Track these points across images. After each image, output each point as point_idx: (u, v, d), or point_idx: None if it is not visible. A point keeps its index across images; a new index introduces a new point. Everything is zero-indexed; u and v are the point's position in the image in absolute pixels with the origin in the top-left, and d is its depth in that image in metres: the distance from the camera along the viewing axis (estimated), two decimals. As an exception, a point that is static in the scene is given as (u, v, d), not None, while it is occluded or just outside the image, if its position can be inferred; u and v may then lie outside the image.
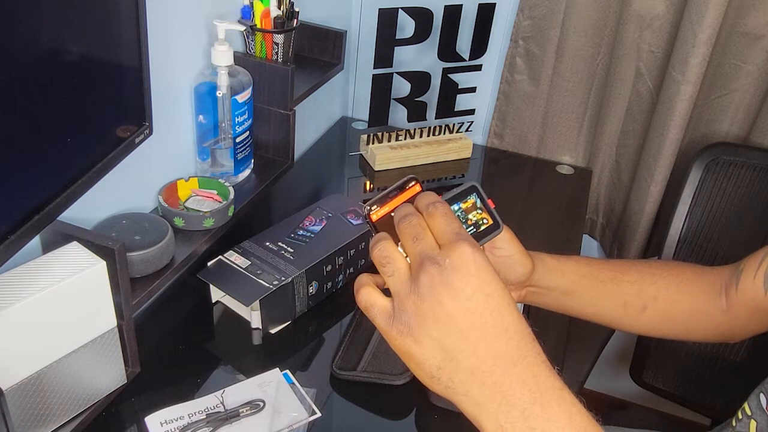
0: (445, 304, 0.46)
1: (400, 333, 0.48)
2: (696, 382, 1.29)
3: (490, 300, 0.47)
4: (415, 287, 0.47)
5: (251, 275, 0.97)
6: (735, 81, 1.28)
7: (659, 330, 0.82)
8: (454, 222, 0.49)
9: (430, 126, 1.46)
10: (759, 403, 0.80)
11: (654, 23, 1.28)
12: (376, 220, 0.57)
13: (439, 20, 1.32)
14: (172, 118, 0.99)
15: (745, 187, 1.20)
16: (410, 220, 0.50)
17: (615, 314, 0.80)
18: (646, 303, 0.78)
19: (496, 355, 0.46)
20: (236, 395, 0.87)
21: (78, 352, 0.76)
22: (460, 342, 0.46)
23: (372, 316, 0.50)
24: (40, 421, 0.75)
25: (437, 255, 0.47)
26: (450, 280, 0.46)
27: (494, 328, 0.47)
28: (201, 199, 1.00)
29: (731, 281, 0.79)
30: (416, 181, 0.60)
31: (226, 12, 1.04)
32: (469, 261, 0.47)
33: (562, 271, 0.76)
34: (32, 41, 0.62)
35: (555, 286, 0.75)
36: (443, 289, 0.46)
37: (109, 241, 0.75)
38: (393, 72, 1.35)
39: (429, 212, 0.50)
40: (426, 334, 0.47)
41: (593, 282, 0.78)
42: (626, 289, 0.79)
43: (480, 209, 0.57)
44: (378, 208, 0.58)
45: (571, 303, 0.78)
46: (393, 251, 0.49)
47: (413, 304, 0.47)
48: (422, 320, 0.47)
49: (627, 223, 1.45)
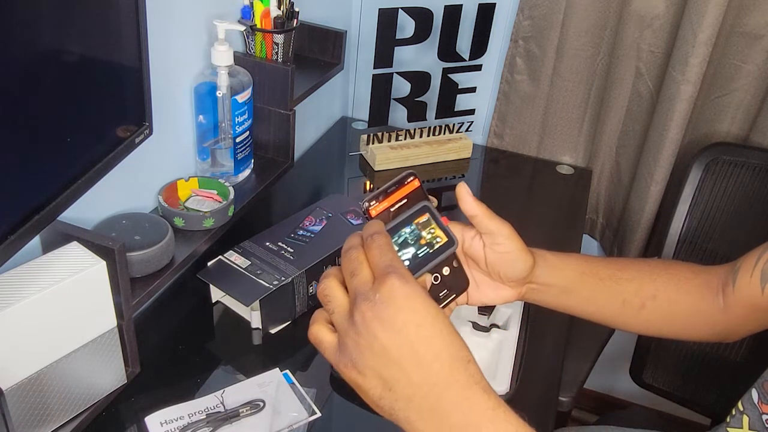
0: (379, 338, 0.49)
1: (345, 366, 0.51)
2: (696, 382, 1.29)
3: (420, 329, 0.49)
4: (353, 323, 0.50)
5: (251, 275, 0.97)
6: (735, 81, 1.28)
7: (657, 329, 0.82)
8: (387, 254, 0.52)
9: (430, 126, 1.46)
10: (750, 398, 0.81)
11: (654, 23, 1.28)
12: (375, 216, 0.59)
13: (439, 20, 1.32)
14: (172, 118, 0.99)
15: (745, 187, 1.20)
16: (350, 255, 0.53)
17: (613, 312, 0.79)
18: (644, 301, 0.78)
19: (429, 382, 0.49)
20: (236, 395, 0.87)
21: (78, 352, 0.76)
22: (396, 372, 0.49)
23: (321, 351, 0.54)
24: (40, 421, 0.75)
25: (369, 291, 0.50)
26: (381, 315, 0.49)
27: (426, 356, 0.49)
28: (201, 199, 1.00)
29: (728, 280, 0.79)
30: (414, 177, 0.62)
31: (226, 12, 1.04)
32: (398, 294, 0.49)
33: (562, 268, 0.76)
34: (32, 41, 0.62)
35: (554, 283, 0.75)
36: (376, 323, 0.49)
37: (109, 241, 0.75)
38: (393, 72, 1.35)
39: (367, 244, 0.53)
40: (366, 366, 0.50)
41: (592, 280, 0.78)
42: (625, 287, 0.79)
43: (433, 228, 0.59)
44: (377, 203, 0.60)
45: (570, 301, 0.78)
46: (334, 289, 0.53)
47: (352, 339, 0.50)
48: (361, 354, 0.50)
49: (627, 223, 1.45)
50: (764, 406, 0.80)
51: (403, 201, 0.62)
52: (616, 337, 1.21)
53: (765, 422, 0.79)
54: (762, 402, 0.80)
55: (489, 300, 0.73)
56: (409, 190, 0.61)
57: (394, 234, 0.57)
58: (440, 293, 0.65)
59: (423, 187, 0.63)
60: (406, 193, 0.61)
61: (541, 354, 0.98)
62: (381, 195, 0.60)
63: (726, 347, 1.25)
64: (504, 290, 0.72)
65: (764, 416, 0.79)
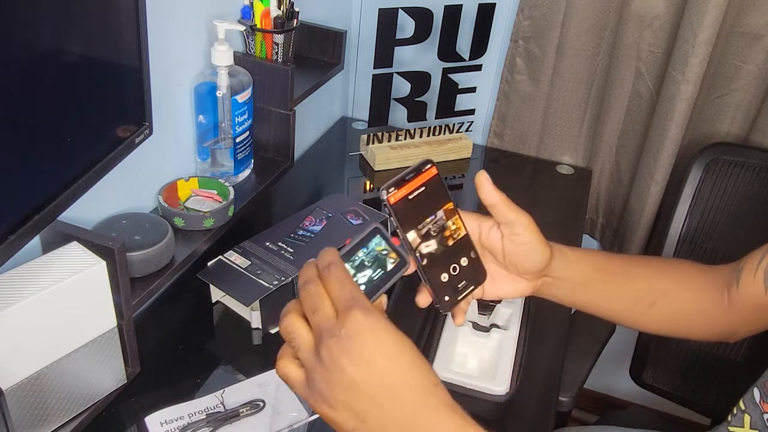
0: (348, 372, 0.49)
1: (316, 401, 0.52)
2: (696, 382, 1.29)
3: (387, 360, 0.50)
4: (319, 359, 0.50)
5: (251, 275, 0.97)
6: (735, 81, 1.28)
7: (664, 327, 0.82)
8: (347, 286, 0.52)
9: (430, 126, 1.46)
10: (752, 397, 0.81)
11: (654, 23, 1.28)
12: (394, 203, 0.60)
13: (439, 20, 1.32)
14: (172, 118, 0.99)
15: (745, 187, 1.20)
16: (308, 289, 0.52)
17: (624, 309, 0.79)
18: (655, 298, 0.78)
19: (401, 410, 0.50)
20: (236, 395, 0.87)
21: (78, 352, 0.76)
22: (367, 404, 0.50)
23: (290, 386, 0.54)
24: (40, 421, 0.75)
25: (333, 327, 0.50)
26: (348, 349, 0.49)
27: (395, 385, 0.50)
28: (201, 199, 1.00)
29: (732, 280, 0.79)
30: (432, 164, 0.62)
31: (226, 12, 1.04)
32: (363, 328, 0.50)
33: (577, 262, 0.75)
34: (32, 41, 0.62)
35: (570, 277, 0.74)
36: (343, 358, 0.49)
37: (109, 241, 0.75)
38: (393, 72, 1.35)
39: (324, 276, 0.53)
40: (337, 400, 0.50)
41: (606, 275, 0.77)
42: (637, 283, 0.78)
43: (386, 250, 0.59)
44: (395, 190, 0.60)
45: (584, 296, 0.77)
46: (296, 325, 0.52)
47: (320, 375, 0.51)
48: (331, 388, 0.50)
49: (627, 223, 1.45)
50: (766, 405, 0.80)
51: (422, 188, 0.62)
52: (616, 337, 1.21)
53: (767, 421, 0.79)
54: (764, 401, 0.80)
55: (504, 293, 0.72)
56: (426, 178, 0.62)
57: (349, 259, 0.56)
58: (458, 284, 0.65)
59: (440, 175, 0.63)
60: (423, 180, 0.62)
61: (541, 354, 0.98)
62: (399, 182, 0.61)
63: (726, 347, 1.25)
64: (520, 283, 0.71)
65: (766, 415, 0.79)
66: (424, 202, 0.62)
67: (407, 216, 0.61)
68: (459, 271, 0.64)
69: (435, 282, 0.63)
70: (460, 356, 0.93)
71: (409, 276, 0.64)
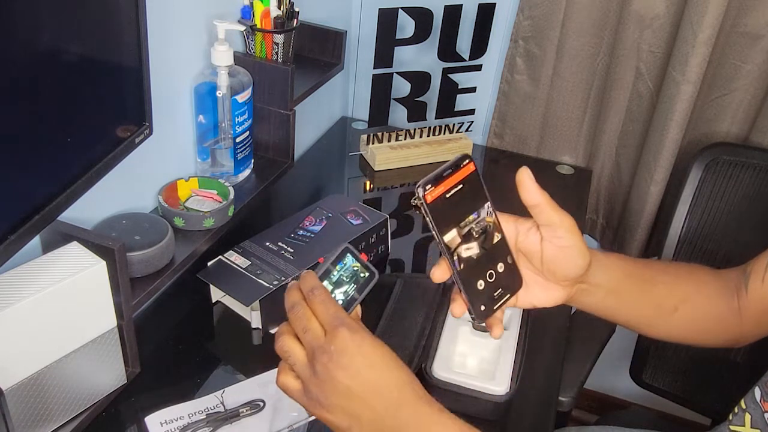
0: (341, 380, 0.58)
1: (314, 407, 0.61)
2: (696, 382, 1.29)
3: (373, 368, 0.59)
4: (314, 372, 0.60)
5: (251, 275, 0.97)
6: (735, 81, 1.28)
7: (684, 334, 0.80)
8: (331, 307, 0.60)
9: (430, 126, 1.46)
10: (753, 396, 0.81)
11: (654, 23, 1.28)
12: (431, 201, 0.56)
13: (439, 20, 1.32)
14: (172, 118, 0.99)
15: (745, 187, 1.20)
16: (297, 311, 0.61)
17: (649, 316, 0.77)
18: (676, 305, 0.77)
19: (387, 406, 0.59)
20: (236, 395, 0.87)
21: (78, 352, 0.76)
22: (359, 405, 0.59)
23: (290, 395, 0.63)
24: (40, 421, 0.75)
25: (324, 344, 0.59)
26: (339, 362, 0.58)
27: (381, 387, 0.59)
28: (201, 199, 1.00)
29: (740, 285, 0.78)
30: (470, 160, 0.59)
31: (226, 12, 1.04)
32: (350, 343, 0.58)
33: (611, 267, 0.73)
34: (32, 41, 0.62)
35: (603, 283, 0.72)
36: (336, 370, 0.58)
37: (109, 241, 0.75)
38: (393, 72, 1.35)
39: (310, 299, 0.60)
40: (333, 405, 0.60)
41: (635, 281, 0.75)
42: (660, 290, 0.77)
43: (356, 265, 0.62)
44: (432, 188, 0.56)
45: (614, 303, 0.74)
46: (290, 345, 0.61)
47: (316, 386, 0.60)
48: (327, 395, 0.59)
49: (627, 223, 1.45)
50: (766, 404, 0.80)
51: (459, 186, 0.58)
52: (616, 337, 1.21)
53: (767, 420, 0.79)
54: (764, 400, 0.80)
55: (538, 301, 0.68)
56: (465, 174, 0.58)
57: (326, 277, 0.61)
58: (494, 293, 0.61)
59: (478, 171, 0.60)
60: (461, 177, 0.58)
61: (541, 354, 0.98)
62: (437, 179, 0.57)
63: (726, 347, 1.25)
64: (555, 291, 0.68)
65: (767, 414, 0.79)
66: (462, 201, 0.59)
67: (443, 216, 0.57)
68: (495, 277, 0.61)
69: (471, 289, 0.60)
70: (460, 356, 0.93)
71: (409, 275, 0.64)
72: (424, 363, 0.88)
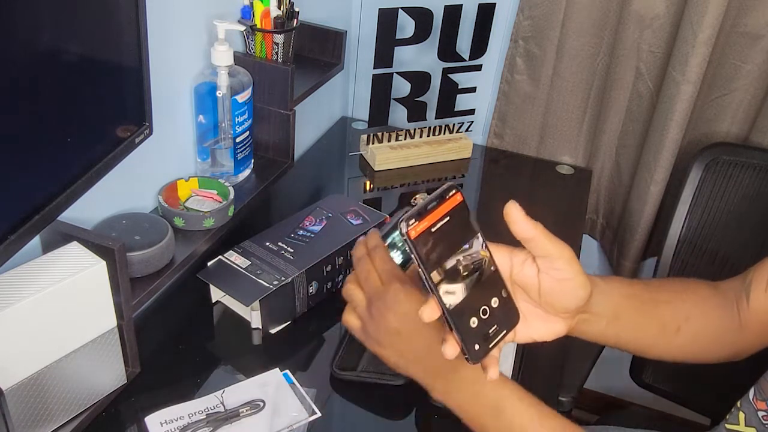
0: (391, 323, 0.70)
1: (370, 343, 0.73)
2: (696, 382, 1.29)
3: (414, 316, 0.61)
4: (371, 315, 0.71)
5: (251, 275, 0.97)
6: (735, 81, 1.28)
7: (689, 353, 0.78)
8: (387, 263, 0.71)
9: (430, 126, 1.46)
10: (747, 395, 0.81)
11: (654, 23, 1.28)
12: (415, 237, 0.53)
13: (439, 20, 1.32)
14: (172, 118, 0.99)
15: (745, 187, 1.20)
16: (361, 264, 0.72)
17: (653, 337, 0.75)
18: (679, 324, 0.75)
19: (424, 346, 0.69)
20: (236, 395, 0.87)
21: (78, 352, 0.76)
22: (406, 343, 0.71)
23: (352, 332, 0.75)
24: (40, 421, 0.75)
25: (380, 292, 0.70)
26: (391, 307, 0.69)
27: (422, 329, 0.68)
28: (201, 199, 1.00)
29: (741, 296, 0.76)
30: (457, 191, 0.56)
31: (226, 12, 1.04)
32: (401, 294, 0.69)
33: (609, 293, 0.71)
34: (32, 41, 0.62)
35: (604, 311, 0.70)
36: (388, 314, 0.70)
37: (109, 241, 0.75)
38: (393, 72, 1.35)
39: (372, 256, 0.72)
40: (385, 342, 0.72)
41: (635, 304, 0.74)
42: (663, 310, 0.76)
43: None
44: (417, 222, 0.53)
45: (615, 329, 0.72)
46: (354, 290, 0.73)
47: (372, 325, 0.72)
48: (380, 335, 0.71)
49: (627, 223, 1.45)
50: (759, 403, 0.80)
51: (446, 219, 0.55)
52: (616, 337, 1.21)
53: (762, 418, 0.79)
54: (757, 399, 0.80)
55: (538, 335, 0.65)
56: (451, 206, 0.55)
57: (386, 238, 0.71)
58: (489, 330, 0.57)
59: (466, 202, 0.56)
60: (447, 209, 0.55)
61: (541, 354, 0.98)
62: (421, 213, 0.53)
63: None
64: (555, 323, 0.65)
65: (760, 412, 0.79)
66: (449, 235, 0.55)
67: (430, 251, 0.54)
68: (489, 313, 0.57)
69: (463, 328, 0.56)
70: (460, 356, 0.93)
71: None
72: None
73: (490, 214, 0.66)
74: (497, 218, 0.59)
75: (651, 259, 1.47)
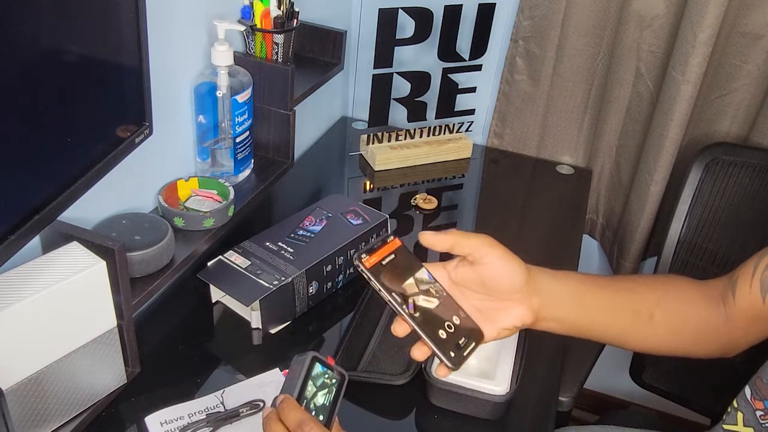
0: None
1: None
2: (695, 382, 1.29)
3: None
4: None
5: (251, 275, 0.97)
6: (735, 81, 1.28)
7: (668, 344, 0.79)
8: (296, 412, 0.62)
9: (430, 126, 1.46)
10: (744, 395, 0.81)
11: (654, 23, 1.28)
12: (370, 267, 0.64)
13: (439, 20, 1.32)
14: (172, 118, 0.99)
15: (745, 187, 1.20)
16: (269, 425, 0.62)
17: (627, 324, 0.76)
18: (651, 310, 0.76)
19: None
20: (236, 395, 0.87)
21: (78, 352, 0.76)
22: None
23: None
24: (39, 421, 0.75)
25: None
26: None
27: None
28: (201, 199, 1.00)
29: (727, 292, 0.77)
30: (394, 237, 0.68)
31: (226, 12, 1.04)
32: None
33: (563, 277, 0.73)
34: (32, 41, 0.62)
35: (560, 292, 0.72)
36: None
37: (109, 241, 0.75)
38: (393, 72, 1.35)
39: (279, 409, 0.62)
40: None
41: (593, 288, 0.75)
42: (629, 296, 0.77)
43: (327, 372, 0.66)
44: (368, 257, 0.65)
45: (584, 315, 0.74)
46: None
47: None
48: None
49: (627, 223, 1.45)
50: (757, 402, 0.80)
51: (391, 256, 0.66)
52: (616, 337, 1.21)
53: (759, 418, 0.79)
54: (755, 398, 0.80)
55: (505, 324, 0.69)
56: (392, 248, 0.67)
57: (303, 398, 0.63)
58: (459, 341, 0.65)
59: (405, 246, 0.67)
60: (391, 250, 0.66)
61: (541, 354, 0.98)
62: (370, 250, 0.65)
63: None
64: (515, 309, 0.69)
65: (758, 412, 0.79)
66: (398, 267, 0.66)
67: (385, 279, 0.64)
68: (455, 329, 0.65)
69: (435, 338, 0.64)
70: (460, 356, 0.93)
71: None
72: (424, 363, 0.88)
73: (490, 214, 0.67)
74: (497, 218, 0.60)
75: (651, 259, 1.47)
